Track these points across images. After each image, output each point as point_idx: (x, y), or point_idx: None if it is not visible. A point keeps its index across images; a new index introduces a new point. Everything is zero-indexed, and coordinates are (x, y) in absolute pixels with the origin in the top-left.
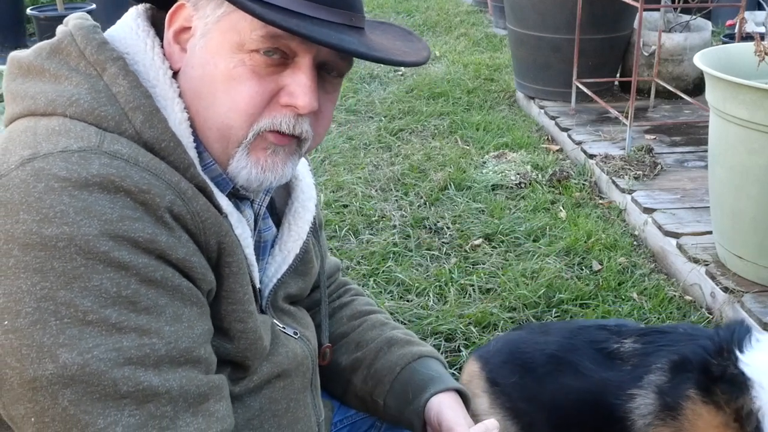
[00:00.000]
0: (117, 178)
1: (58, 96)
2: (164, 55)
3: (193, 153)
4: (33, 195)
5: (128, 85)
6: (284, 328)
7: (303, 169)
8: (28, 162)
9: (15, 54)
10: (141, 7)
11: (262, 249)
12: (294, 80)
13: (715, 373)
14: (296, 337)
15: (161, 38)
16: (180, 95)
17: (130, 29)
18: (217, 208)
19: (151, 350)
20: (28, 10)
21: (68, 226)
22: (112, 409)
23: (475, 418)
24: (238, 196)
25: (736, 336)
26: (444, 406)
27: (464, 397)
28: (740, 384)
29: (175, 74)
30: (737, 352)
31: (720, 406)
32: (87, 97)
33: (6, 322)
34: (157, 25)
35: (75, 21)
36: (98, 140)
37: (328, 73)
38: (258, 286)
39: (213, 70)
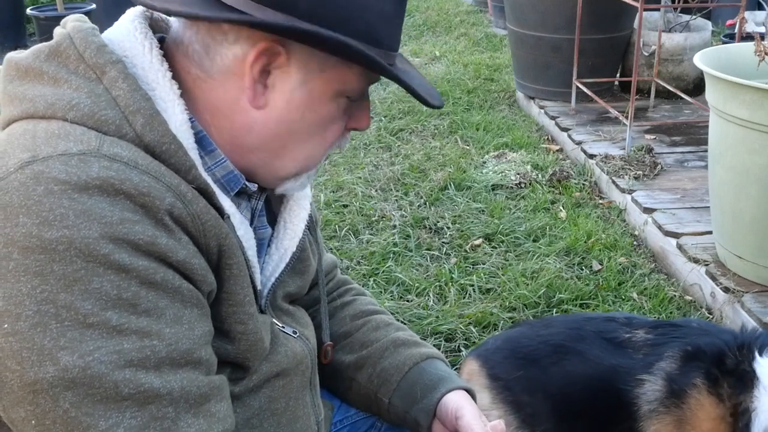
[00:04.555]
0: (116, 181)
1: (57, 100)
2: (163, 56)
3: (194, 154)
4: (32, 198)
5: (128, 89)
6: (283, 327)
7: None
8: (28, 165)
9: (12, 55)
10: (139, 8)
11: (259, 248)
12: (360, 108)
13: (728, 365)
14: (295, 336)
15: (158, 39)
16: (180, 96)
17: (128, 31)
18: (219, 210)
19: (152, 352)
20: (28, 10)
21: (68, 229)
22: (114, 411)
23: None
24: (238, 193)
25: (761, 340)
26: (464, 402)
27: (472, 398)
28: (748, 381)
29: (174, 75)
30: (756, 353)
31: (722, 399)
32: (87, 101)
33: (6, 326)
34: (154, 26)
35: (73, 23)
36: (98, 143)
37: None
38: (259, 287)
39: (312, 116)
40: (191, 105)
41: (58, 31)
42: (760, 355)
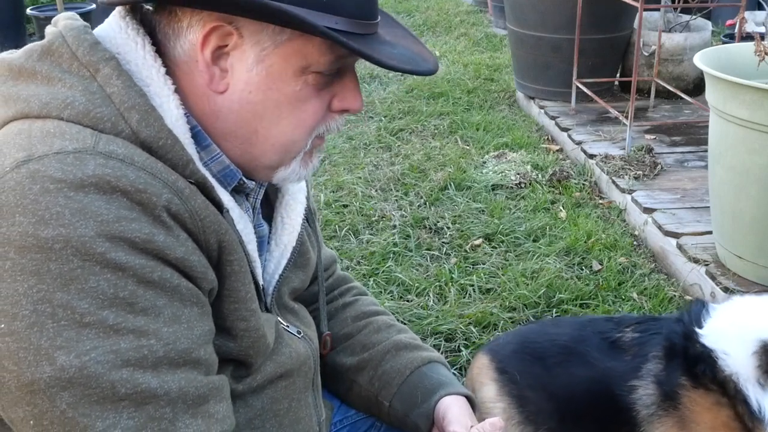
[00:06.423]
0: (113, 179)
1: (52, 99)
2: (156, 52)
3: (191, 149)
4: (28, 197)
5: (122, 85)
6: (288, 327)
7: None
8: (23, 164)
9: (4, 56)
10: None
11: (259, 246)
12: (345, 87)
13: (691, 355)
14: (300, 336)
15: (150, 35)
16: (176, 91)
17: (119, 28)
18: (218, 205)
19: (149, 352)
20: (28, 10)
21: (64, 227)
22: (111, 411)
23: (483, 405)
24: (236, 190)
25: (693, 315)
26: (453, 405)
27: (472, 405)
28: (708, 359)
29: (168, 71)
30: (698, 330)
31: (707, 387)
32: (81, 99)
33: (2, 326)
34: (144, 22)
35: (65, 22)
36: (93, 141)
37: None
38: (261, 283)
39: (277, 95)
40: (184, 99)
41: (49, 30)
42: (699, 327)
